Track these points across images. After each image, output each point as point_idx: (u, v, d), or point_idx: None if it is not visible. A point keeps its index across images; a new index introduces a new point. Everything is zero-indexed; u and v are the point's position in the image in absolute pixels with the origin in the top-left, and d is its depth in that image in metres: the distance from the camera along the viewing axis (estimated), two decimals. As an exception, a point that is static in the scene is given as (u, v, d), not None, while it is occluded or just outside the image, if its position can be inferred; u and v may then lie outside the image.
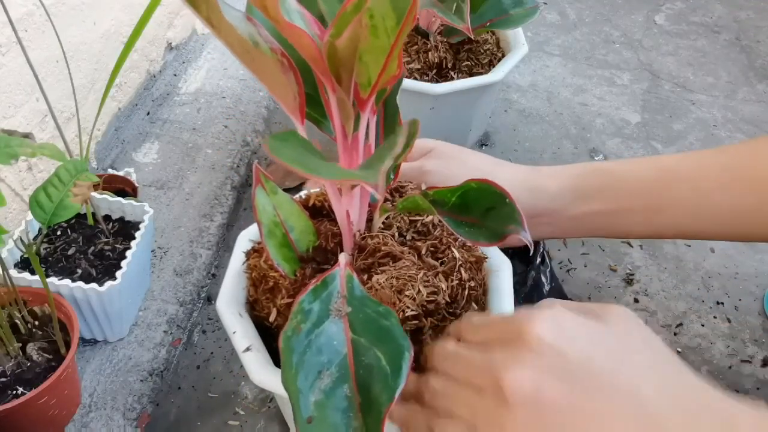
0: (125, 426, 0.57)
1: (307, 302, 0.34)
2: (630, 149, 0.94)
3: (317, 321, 0.33)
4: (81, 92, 0.76)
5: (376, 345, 0.32)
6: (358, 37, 0.30)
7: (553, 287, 0.66)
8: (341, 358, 0.32)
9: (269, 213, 0.41)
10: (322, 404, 0.31)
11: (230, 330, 0.42)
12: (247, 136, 0.90)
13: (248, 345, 0.40)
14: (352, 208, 0.40)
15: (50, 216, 0.49)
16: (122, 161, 0.83)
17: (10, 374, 0.51)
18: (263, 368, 0.39)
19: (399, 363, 0.31)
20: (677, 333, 0.70)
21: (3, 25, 0.60)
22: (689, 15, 1.29)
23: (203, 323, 0.68)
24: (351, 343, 0.33)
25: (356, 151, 0.37)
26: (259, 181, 0.41)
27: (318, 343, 0.33)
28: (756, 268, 0.77)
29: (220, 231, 0.77)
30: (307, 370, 0.32)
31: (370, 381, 0.31)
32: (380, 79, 0.32)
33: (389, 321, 0.33)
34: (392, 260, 0.41)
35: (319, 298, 0.34)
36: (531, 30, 1.20)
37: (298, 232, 0.43)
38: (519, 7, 0.77)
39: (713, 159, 0.49)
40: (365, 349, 0.33)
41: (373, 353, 0.32)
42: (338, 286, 0.35)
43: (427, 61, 0.79)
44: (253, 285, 0.46)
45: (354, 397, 0.31)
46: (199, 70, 1.01)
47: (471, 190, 0.39)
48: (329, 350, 0.33)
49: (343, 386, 0.31)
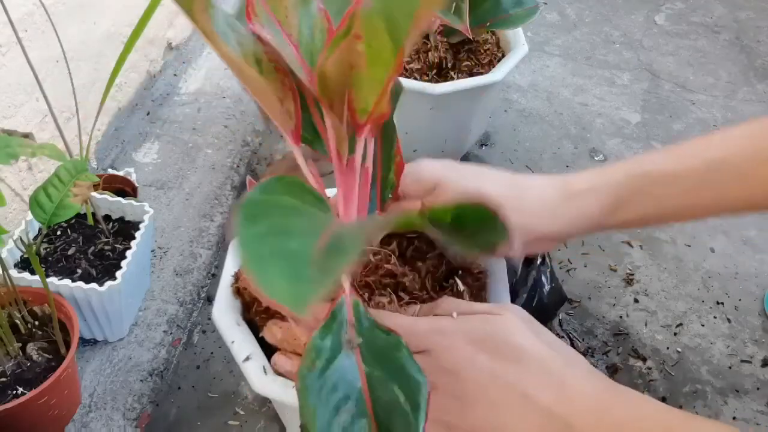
0: (125, 426, 0.57)
1: (319, 339, 0.34)
2: (630, 149, 0.94)
3: (330, 356, 0.33)
4: (81, 92, 0.76)
5: (391, 379, 0.33)
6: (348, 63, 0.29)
7: (553, 287, 0.66)
8: (357, 392, 0.33)
9: None
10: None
11: (228, 340, 0.41)
12: (247, 136, 0.90)
13: (248, 354, 0.40)
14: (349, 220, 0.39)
15: (50, 216, 0.49)
16: (122, 161, 0.83)
17: (10, 374, 0.51)
18: (264, 377, 0.39)
19: (417, 400, 0.32)
20: (677, 333, 0.70)
21: (3, 25, 0.60)
22: (689, 15, 1.29)
23: (203, 323, 0.68)
24: (365, 377, 0.33)
25: (353, 174, 0.37)
26: None
27: (333, 379, 0.33)
28: (756, 268, 0.77)
29: (220, 231, 0.77)
30: (325, 408, 0.32)
31: (390, 418, 0.32)
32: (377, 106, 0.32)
33: (400, 353, 0.34)
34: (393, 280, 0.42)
35: (330, 333, 0.34)
36: (531, 30, 1.20)
37: None
38: (519, 7, 0.77)
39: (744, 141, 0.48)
40: (380, 382, 0.33)
41: (389, 388, 0.33)
42: (346, 314, 0.35)
43: (427, 61, 0.79)
44: (245, 307, 0.45)
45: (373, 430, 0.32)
46: (199, 70, 1.01)
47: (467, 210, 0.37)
48: (345, 385, 0.33)
49: (362, 421, 0.32)
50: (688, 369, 0.67)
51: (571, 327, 0.70)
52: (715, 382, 0.66)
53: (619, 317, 0.71)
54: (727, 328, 0.71)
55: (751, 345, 0.69)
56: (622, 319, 0.71)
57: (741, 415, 0.63)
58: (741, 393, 0.65)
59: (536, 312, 0.65)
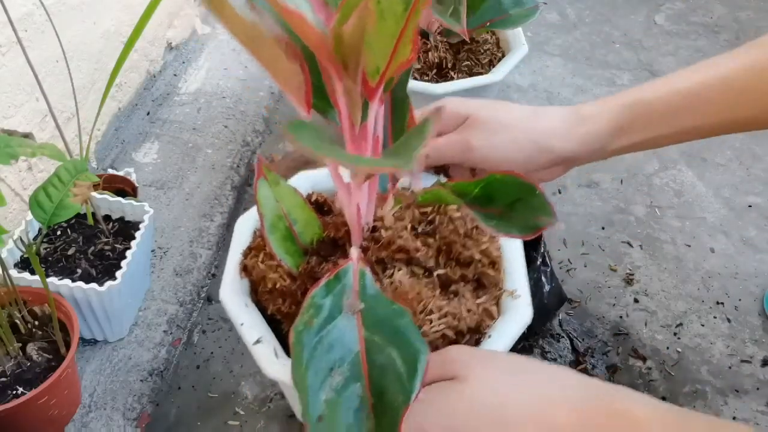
0: (125, 426, 0.57)
1: (319, 297, 0.33)
2: (630, 149, 0.94)
3: (329, 316, 0.32)
4: (81, 92, 0.77)
5: (390, 345, 0.32)
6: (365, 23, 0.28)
7: (552, 287, 0.66)
8: (353, 355, 0.32)
9: (272, 205, 0.40)
10: (333, 403, 0.30)
11: (237, 322, 0.40)
12: (247, 136, 0.90)
13: (258, 337, 0.39)
14: (362, 201, 0.38)
15: (50, 216, 0.49)
16: (122, 161, 0.83)
17: (10, 374, 0.51)
18: (275, 360, 0.38)
19: (415, 365, 0.30)
20: (677, 333, 0.70)
21: (3, 25, 0.60)
22: (689, 15, 1.29)
23: (203, 323, 0.68)
24: (364, 341, 0.32)
25: (365, 142, 0.36)
26: (261, 172, 0.40)
27: (330, 339, 0.32)
28: (756, 268, 0.77)
29: (220, 231, 0.77)
30: (317, 367, 0.31)
31: (385, 382, 0.31)
32: (389, 66, 0.31)
33: (403, 320, 0.33)
34: (406, 255, 0.41)
35: (331, 293, 0.33)
36: (531, 30, 1.20)
37: (302, 225, 0.41)
38: (519, 7, 0.77)
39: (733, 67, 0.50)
40: (379, 348, 0.32)
41: (387, 353, 0.31)
42: (351, 281, 0.34)
43: (427, 61, 0.79)
44: (252, 289, 0.44)
45: (366, 397, 0.30)
46: (199, 70, 1.01)
47: (495, 182, 0.38)
48: (341, 347, 0.32)
49: (355, 385, 0.31)
50: (688, 369, 0.67)
51: (571, 327, 0.70)
52: (715, 382, 0.66)
53: (619, 317, 0.71)
54: (727, 328, 0.71)
55: (751, 345, 0.69)
56: (622, 319, 0.71)
57: (741, 415, 0.63)
58: (741, 393, 0.65)
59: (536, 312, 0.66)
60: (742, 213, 0.85)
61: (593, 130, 0.49)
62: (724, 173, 0.91)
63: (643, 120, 0.50)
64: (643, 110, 0.50)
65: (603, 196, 0.86)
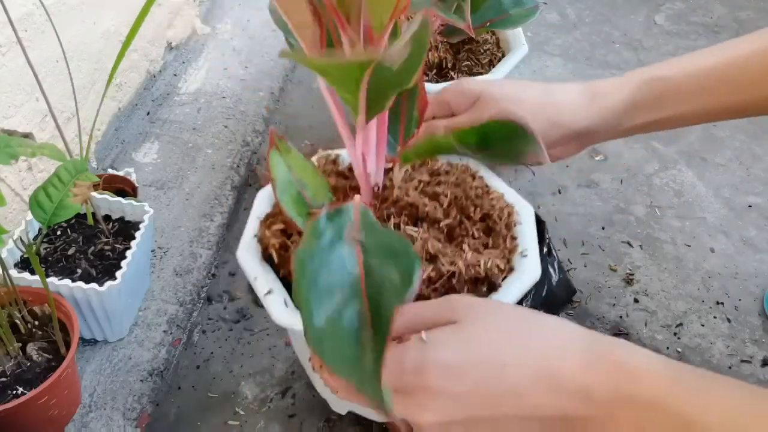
0: (125, 426, 0.57)
1: (321, 224, 0.35)
2: (630, 149, 0.94)
3: (330, 243, 0.34)
4: (81, 92, 0.77)
5: (388, 264, 0.33)
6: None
7: (561, 278, 0.66)
8: (353, 278, 0.33)
9: (283, 172, 0.43)
10: (333, 320, 0.31)
11: (251, 276, 0.43)
12: (247, 136, 0.90)
13: (269, 288, 0.42)
14: (369, 154, 0.40)
15: (50, 216, 0.49)
16: (122, 161, 0.83)
17: (10, 374, 0.51)
18: (285, 309, 0.41)
19: (410, 275, 0.31)
20: (677, 333, 0.70)
21: (3, 25, 0.60)
22: (689, 15, 1.29)
23: (203, 323, 0.68)
24: (363, 265, 0.33)
25: None
26: (273, 142, 0.43)
27: (330, 262, 0.33)
28: (756, 268, 0.77)
29: (220, 231, 0.77)
30: (319, 288, 0.32)
31: (381, 295, 0.32)
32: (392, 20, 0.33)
33: (401, 244, 0.34)
34: (415, 211, 0.42)
35: (332, 222, 0.35)
36: (531, 30, 1.20)
37: (312, 189, 0.44)
38: (519, 7, 0.77)
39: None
40: (377, 267, 0.33)
41: (384, 270, 0.33)
42: (352, 216, 0.36)
43: (427, 61, 0.79)
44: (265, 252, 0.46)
45: (365, 313, 0.31)
46: (199, 70, 1.01)
47: (492, 127, 0.40)
48: (341, 271, 0.33)
49: (354, 302, 0.32)
50: (688, 369, 0.67)
51: (571, 327, 0.70)
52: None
53: (619, 317, 0.71)
54: (727, 328, 0.71)
55: (751, 345, 0.69)
56: (622, 319, 0.71)
57: (741, 415, 0.63)
58: (741, 393, 0.65)
59: (545, 304, 0.66)
60: (742, 213, 0.85)
61: (608, 105, 0.49)
62: (724, 173, 0.91)
63: (659, 97, 0.49)
64: (660, 87, 0.49)
65: (603, 196, 0.86)
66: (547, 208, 0.84)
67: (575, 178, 0.88)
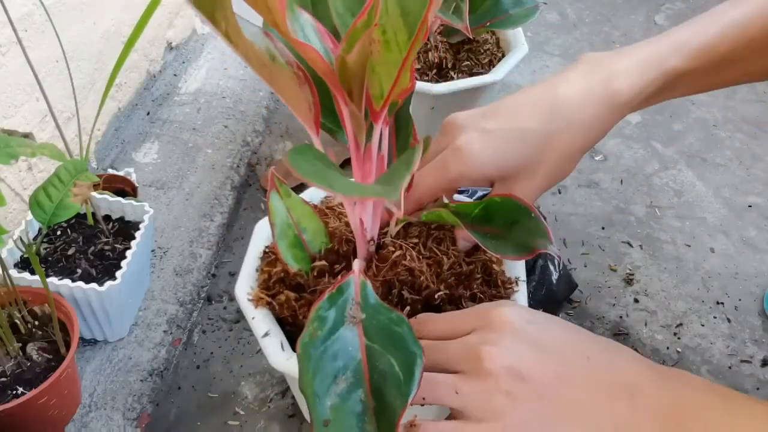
0: (125, 426, 0.57)
1: (323, 309, 0.35)
2: (630, 149, 0.94)
3: (333, 328, 0.35)
4: (81, 92, 0.77)
5: (389, 352, 0.34)
6: (368, 53, 0.31)
7: (561, 274, 0.66)
8: (356, 363, 0.34)
9: (282, 215, 0.43)
10: (337, 408, 0.32)
11: (249, 316, 0.44)
12: (247, 136, 0.90)
13: (267, 330, 0.43)
14: (366, 216, 0.41)
15: (50, 216, 0.49)
16: (122, 161, 0.83)
17: (10, 374, 0.51)
18: (281, 353, 0.42)
19: (412, 370, 0.33)
20: (677, 333, 0.70)
21: (3, 25, 0.60)
22: (689, 15, 1.28)
23: (203, 323, 0.68)
24: (365, 349, 0.34)
25: (369, 162, 0.39)
26: (273, 185, 0.43)
27: (334, 348, 0.34)
28: (756, 268, 0.77)
29: (220, 231, 0.77)
30: (323, 375, 0.33)
31: (384, 387, 0.33)
32: (392, 91, 0.33)
33: (401, 328, 0.35)
34: (411, 278, 0.43)
35: (335, 305, 0.36)
36: (531, 30, 1.20)
37: (311, 233, 0.45)
38: (519, 7, 0.77)
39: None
40: (379, 355, 0.34)
41: (386, 360, 0.34)
42: (353, 293, 0.37)
43: (427, 61, 0.79)
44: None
45: (368, 401, 0.32)
46: (199, 70, 1.01)
47: (494, 203, 0.42)
48: (344, 356, 0.34)
49: (358, 391, 0.33)
50: (688, 369, 0.67)
51: (571, 327, 0.70)
52: (715, 382, 0.66)
53: (619, 317, 0.71)
54: (727, 328, 0.71)
55: (751, 345, 0.69)
56: (622, 319, 0.71)
57: (741, 415, 0.63)
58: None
59: (545, 300, 0.66)
60: (742, 213, 0.85)
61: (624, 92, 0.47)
62: (724, 173, 0.91)
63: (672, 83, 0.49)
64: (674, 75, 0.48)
65: (603, 196, 0.86)
66: (547, 208, 0.84)
67: (575, 178, 0.88)
